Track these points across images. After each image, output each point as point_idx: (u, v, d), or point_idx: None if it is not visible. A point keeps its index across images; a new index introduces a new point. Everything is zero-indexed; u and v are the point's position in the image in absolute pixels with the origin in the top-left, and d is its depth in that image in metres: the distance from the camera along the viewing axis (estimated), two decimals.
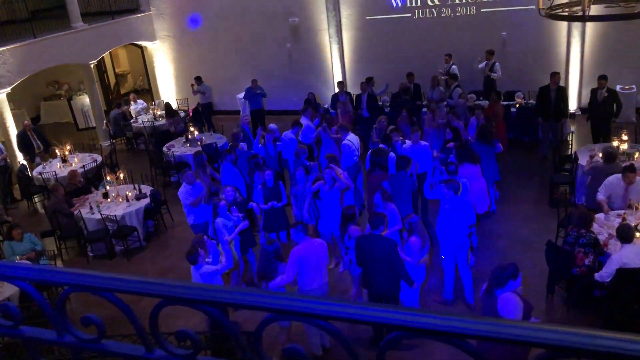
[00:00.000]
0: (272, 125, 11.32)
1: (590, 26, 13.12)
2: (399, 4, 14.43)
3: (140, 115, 15.47)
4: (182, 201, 8.73)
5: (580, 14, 3.99)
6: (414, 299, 6.89)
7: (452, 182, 7.11)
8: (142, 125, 14.80)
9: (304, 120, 11.07)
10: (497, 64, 12.97)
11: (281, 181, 8.90)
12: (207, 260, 6.69)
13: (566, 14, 4.34)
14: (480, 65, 13.22)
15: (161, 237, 10.46)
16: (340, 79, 15.09)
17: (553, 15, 4.34)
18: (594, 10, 4.20)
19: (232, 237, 7.46)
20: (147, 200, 10.20)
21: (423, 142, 9.37)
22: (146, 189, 10.57)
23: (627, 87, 13.01)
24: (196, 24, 16.16)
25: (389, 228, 7.01)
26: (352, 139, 9.90)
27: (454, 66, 13.29)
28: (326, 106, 13.71)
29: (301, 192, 8.40)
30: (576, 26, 13.09)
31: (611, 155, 8.14)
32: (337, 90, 13.46)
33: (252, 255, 8.24)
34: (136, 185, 10.65)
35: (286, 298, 1.15)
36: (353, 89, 14.17)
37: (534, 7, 13.05)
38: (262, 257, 6.69)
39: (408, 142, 9.33)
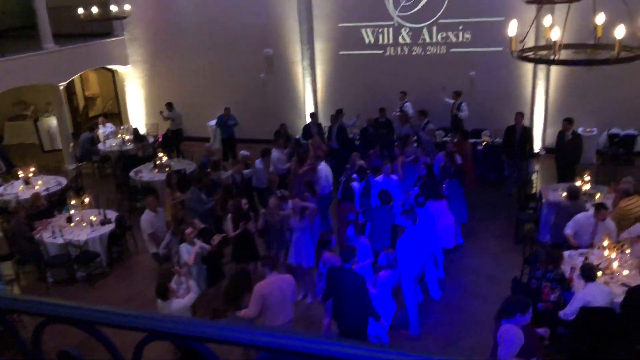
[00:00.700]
0: (244, 152, 11.32)
1: (554, 70, 13.62)
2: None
3: (109, 139, 15.27)
4: (143, 230, 8.58)
5: (551, 57, 4.15)
6: (382, 334, 6.87)
7: (411, 212, 7.24)
8: (109, 149, 14.59)
9: (274, 151, 11.09)
10: (463, 104, 13.30)
11: (252, 211, 8.85)
12: (177, 292, 6.53)
13: (537, 57, 4.51)
14: (448, 100, 13.55)
15: (125, 263, 10.23)
16: (313, 111, 15.24)
17: (525, 57, 4.49)
18: (563, 54, 4.36)
19: (193, 261, 7.29)
20: (112, 226, 9.99)
21: (394, 176, 9.48)
22: (111, 214, 10.36)
23: (588, 129, 13.46)
24: None
25: (361, 261, 7.02)
26: (324, 167, 9.96)
27: (407, 104, 13.67)
28: (298, 136, 13.78)
29: (273, 223, 8.35)
30: (541, 69, 13.57)
31: (575, 193, 8.37)
32: (309, 121, 13.56)
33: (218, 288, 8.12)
34: (101, 210, 10.42)
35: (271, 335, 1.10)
36: (325, 120, 14.31)
37: (501, 49, 13.60)
38: (232, 282, 6.60)
39: (380, 176, 9.43)
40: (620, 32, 4.07)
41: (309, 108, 15.66)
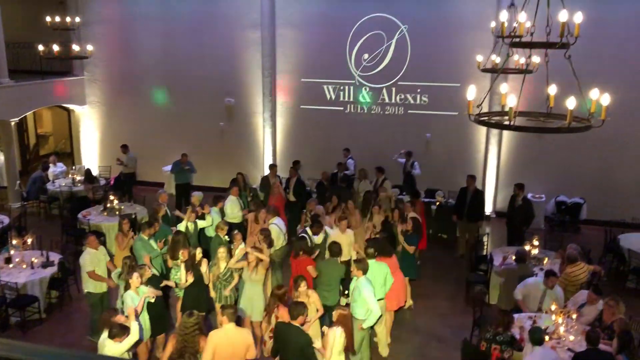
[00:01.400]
0: (197, 193, 11.15)
1: (506, 136, 14.16)
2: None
3: (58, 178, 14.82)
4: (82, 267, 8.29)
5: (507, 123, 4.30)
6: None
7: (363, 263, 7.22)
8: (59, 189, 14.14)
9: (228, 200, 10.98)
10: (415, 162, 13.64)
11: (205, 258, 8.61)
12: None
13: (494, 121, 4.66)
14: (400, 160, 13.90)
15: (64, 309, 9.72)
16: (271, 162, 15.28)
17: (481, 121, 4.64)
18: (517, 121, 4.53)
19: (139, 309, 6.99)
20: (54, 269, 9.55)
21: (349, 230, 9.45)
22: (55, 257, 9.92)
23: (537, 195, 13.92)
24: None
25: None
26: (279, 223, 9.86)
27: (350, 160, 13.96)
28: (255, 186, 13.71)
29: (223, 273, 8.14)
30: (494, 134, 14.08)
31: (522, 257, 8.54)
32: (267, 172, 13.53)
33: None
34: (44, 252, 9.97)
35: None
36: (282, 172, 14.32)
37: (457, 113, 14.10)
38: (181, 330, 6.34)
39: (335, 229, 9.40)
40: (571, 103, 4.27)
41: (268, 159, 15.69)
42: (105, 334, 6.12)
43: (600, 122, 4.40)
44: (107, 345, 6.03)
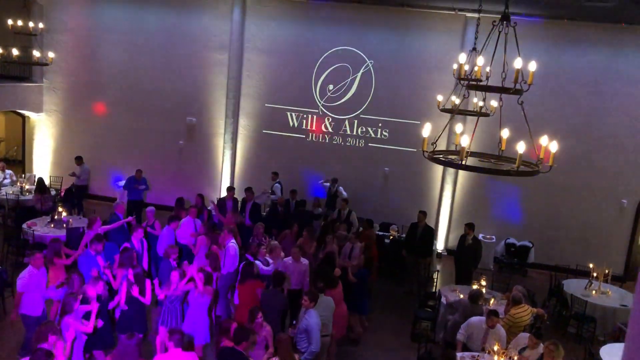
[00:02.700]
0: (150, 209, 10.91)
1: (461, 176, 14.47)
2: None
3: (5, 186, 14.31)
4: (18, 286, 7.82)
5: (457, 162, 4.39)
6: None
7: (314, 294, 7.18)
8: (5, 197, 13.63)
9: (185, 220, 10.76)
10: (340, 187, 14.15)
11: (149, 279, 8.39)
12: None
13: (446, 159, 4.75)
14: (325, 184, 14.42)
15: None
16: (229, 184, 15.16)
17: (434, 158, 4.73)
18: (470, 161, 4.63)
19: (90, 329, 6.74)
20: None
21: (304, 260, 9.34)
22: None
23: (488, 236, 14.19)
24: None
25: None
26: (234, 246, 9.69)
27: (277, 185, 14.12)
28: (210, 208, 13.51)
29: (171, 295, 7.93)
30: (450, 173, 14.37)
31: (475, 297, 8.61)
32: (224, 194, 13.37)
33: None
34: None
35: None
36: (239, 194, 14.21)
37: (415, 150, 14.34)
38: (119, 350, 6.13)
39: (289, 258, 9.30)
40: (521, 147, 4.40)
41: (225, 181, 15.56)
42: None
43: (548, 168, 4.54)
44: None
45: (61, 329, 6.44)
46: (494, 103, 8.31)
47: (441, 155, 4.80)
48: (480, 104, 7.77)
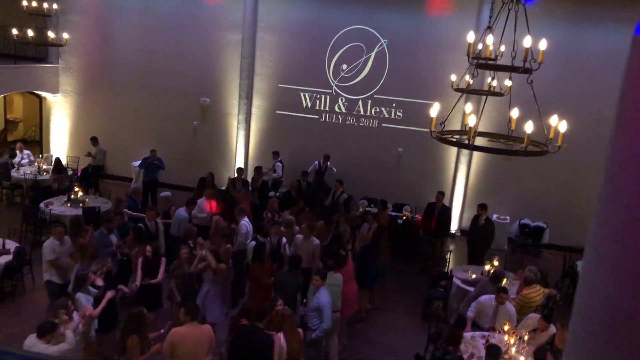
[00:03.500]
0: (165, 193, 11.02)
1: (476, 156, 14.37)
2: None
3: (23, 166, 14.53)
4: (44, 255, 8.12)
5: (465, 142, 4.37)
6: None
7: (323, 273, 7.25)
8: (23, 176, 13.85)
9: (200, 201, 10.86)
10: (329, 163, 14.33)
11: (165, 258, 8.53)
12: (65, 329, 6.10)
13: (454, 139, 4.74)
14: (315, 162, 14.45)
15: (17, 299, 9.50)
16: (242, 164, 15.26)
17: (443, 139, 4.71)
18: (480, 141, 4.61)
19: (97, 313, 6.87)
20: (9, 257, 9.34)
21: (315, 239, 9.41)
22: (11, 245, 9.71)
23: (502, 217, 14.13)
24: None
25: None
26: (246, 224, 9.79)
27: (278, 164, 14.19)
28: (223, 188, 13.63)
29: (188, 274, 8.06)
30: (464, 154, 14.27)
31: (498, 277, 8.53)
32: (235, 175, 13.47)
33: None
34: (0, 239, 9.74)
35: None
36: (252, 175, 14.30)
37: (429, 130, 14.25)
38: (123, 325, 6.28)
39: (300, 236, 9.37)
40: (529, 127, 4.36)
41: (240, 161, 15.63)
42: (33, 335, 5.92)
43: (557, 148, 4.51)
44: (35, 348, 5.80)
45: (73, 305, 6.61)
46: (509, 83, 8.21)
47: (450, 135, 4.79)
48: (494, 83, 7.69)
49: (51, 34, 12.99)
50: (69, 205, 11.83)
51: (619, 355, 1.58)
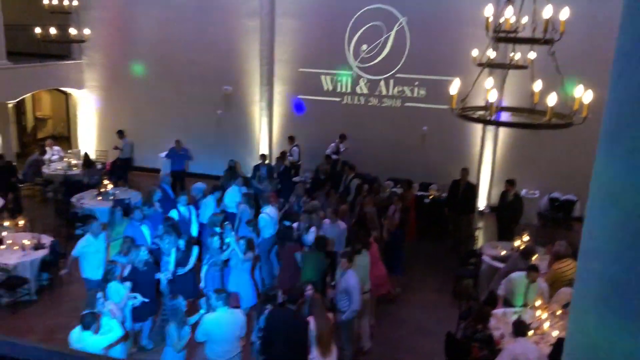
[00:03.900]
0: (199, 185, 11.14)
1: (502, 131, 14.15)
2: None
3: (54, 162, 14.85)
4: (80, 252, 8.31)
5: (487, 118, 4.31)
6: None
7: (347, 252, 7.32)
8: (54, 172, 14.17)
9: (230, 189, 10.97)
10: (341, 145, 14.27)
11: (196, 246, 8.67)
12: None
13: (476, 116, 4.67)
14: (332, 144, 14.43)
15: (55, 291, 9.78)
16: (267, 150, 15.34)
17: (464, 115, 4.65)
18: (502, 116, 4.54)
19: (122, 305, 7.03)
20: (45, 251, 9.60)
21: (341, 223, 9.43)
22: (46, 240, 9.97)
23: (531, 191, 13.93)
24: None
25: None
26: (270, 212, 9.85)
27: (294, 148, 14.28)
28: (249, 175, 13.72)
29: (214, 261, 8.19)
30: (489, 129, 14.06)
31: (528, 253, 8.48)
32: (259, 161, 13.54)
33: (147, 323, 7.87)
34: (36, 234, 10.01)
35: None
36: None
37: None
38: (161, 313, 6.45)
39: (327, 220, 9.40)
40: (552, 99, 4.27)
41: (263, 148, 15.70)
42: (78, 328, 6.05)
43: (582, 119, 4.41)
44: (85, 339, 5.93)
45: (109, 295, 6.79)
46: (533, 55, 8.04)
47: (471, 112, 4.72)
48: (517, 56, 7.54)
49: (73, 31, 13.17)
50: (99, 199, 12.06)
51: None
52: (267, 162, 13.36)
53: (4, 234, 9.87)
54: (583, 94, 4.41)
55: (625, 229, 1.57)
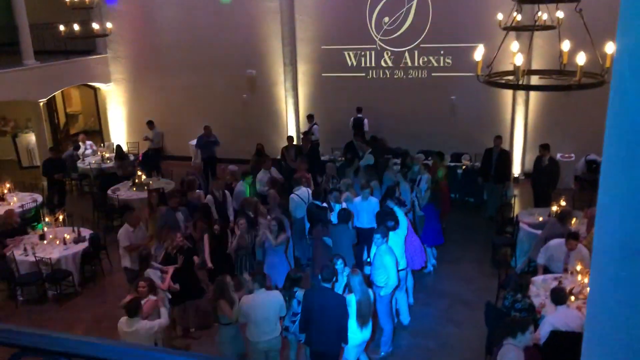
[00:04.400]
0: (232, 167, 11.26)
1: (533, 95, 13.78)
2: None
3: (88, 156, 15.15)
4: (120, 242, 8.52)
5: (514, 82, 4.19)
6: (354, 358, 6.77)
7: (381, 228, 7.25)
8: (88, 166, 14.47)
9: (260, 173, 11.05)
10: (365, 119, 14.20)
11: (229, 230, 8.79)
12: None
13: (503, 81, 4.55)
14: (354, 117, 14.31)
15: (98, 283, 10.06)
16: (294, 131, 15.30)
17: (491, 82, 4.53)
18: (533, 80, 4.41)
19: (165, 287, 7.19)
20: (85, 244, 9.84)
21: (373, 198, 9.39)
22: (86, 232, 10.22)
23: (566, 155, 13.60)
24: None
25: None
26: (301, 193, 9.86)
27: (315, 127, 14.23)
28: (278, 157, 13.77)
29: (244, 245, 8.29)
30: (520, 94, 13.72)
31: (564, 216, 8.30)
32: (287, 143, 13.54)
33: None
34: (75, 228, 10.27)
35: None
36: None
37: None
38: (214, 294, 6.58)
39: (358, 197, 9.37)
40: (581, 58, 4.12)
41: (291, 129, 15.68)
42: (124, 317, 6.16)
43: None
44: (135, 326, 6.04)
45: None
46: (560, 14, 7.77)
47: (498, 78, 4.60)
48: (545, 17, 7.29)
49: (96, 26, 13.30)
50: (134, 189, 12.27)
51: None
52: (294, 143, 13.35)
53: (46, 229, 10.15)
54: (614, 51, 4.23)
55: None
